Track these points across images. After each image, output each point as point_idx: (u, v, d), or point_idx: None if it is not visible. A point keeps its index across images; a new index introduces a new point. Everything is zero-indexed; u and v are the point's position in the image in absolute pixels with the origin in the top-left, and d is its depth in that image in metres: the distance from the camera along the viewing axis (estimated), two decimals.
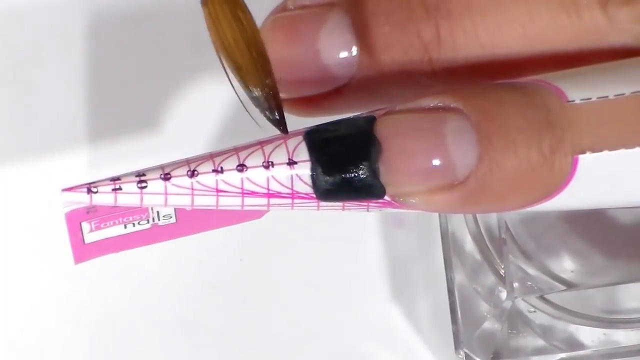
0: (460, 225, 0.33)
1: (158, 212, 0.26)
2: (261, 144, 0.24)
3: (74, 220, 0.25)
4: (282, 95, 0.25)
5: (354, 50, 0.25)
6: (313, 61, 0.25)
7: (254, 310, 0.36)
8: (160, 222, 0.26)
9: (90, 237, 0.26)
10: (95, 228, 0.26)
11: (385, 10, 0.25)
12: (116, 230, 0.26)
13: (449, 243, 0.33)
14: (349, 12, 0.25)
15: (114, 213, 0.26)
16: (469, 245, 0.34)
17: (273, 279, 0.36)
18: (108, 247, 0.26)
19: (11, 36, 0.37)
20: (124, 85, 0.37)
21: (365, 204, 0.24)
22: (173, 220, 0.26)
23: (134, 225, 0.26)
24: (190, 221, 0.27)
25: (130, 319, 0.36)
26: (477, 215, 0.33)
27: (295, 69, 0.25)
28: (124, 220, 0.26)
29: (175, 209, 0.26)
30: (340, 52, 0.25)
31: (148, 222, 0.26)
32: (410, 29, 0.24)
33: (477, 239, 0.33)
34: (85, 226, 0.25)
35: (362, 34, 0.25)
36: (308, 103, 0.26)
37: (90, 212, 0.25)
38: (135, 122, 0.37)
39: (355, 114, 0.24)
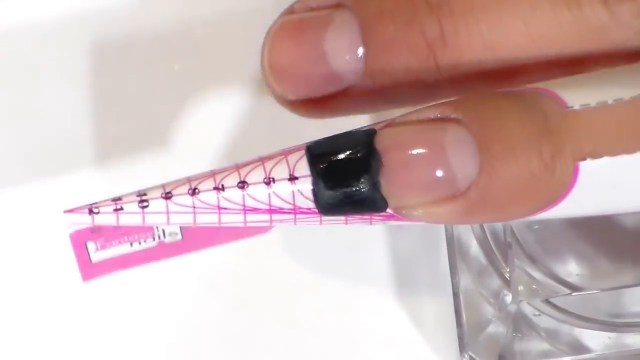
0: (465, 228, 0.33)
1: (164, 230, 0.26)
2: (262, 160, 0.24)
3: (79, 240, 0.25)
4: (290, 97, 0.25)
5: (360, 51, 0.24)
6: (319, 63, 0.25)
7: (254, 310, 0.36)
8: (167, 240, 0.26)
9: (96, 256, 0.26)
10: (101, 247, 0.26)
11: (390, 9, 0.25)
12: (123, 248, 0.26)
13: (454, 246, 0.33)
14: (355, 12, 0.25)
15: (119, 232, 0.26)
16: (474, 248, 0.34)
17: (273, 279, 0.36)
18: (115, 266, 0.26)
19: (16, 53, 0.37)
20: (129, 102, 0.37)
21: (368, 217, 0.24)
22: (179, 237, 0.26)
23: (140, 243, 0.26)
24: (196, 238, 0.27)
25: (130, 319, 0.36)
26: None
27: (302, 71, 0.25)
28: (130, 238, 0.26)
29: (181, 228, 0.26)
30: (347, 53, 0.25)
31: (154, 240, 0.26)
32: (414, 28, 0.24)
33: (483, 242, 0.33)
34: (91, 246, 0.25)
35: (367, 34, 0.24)
36: (315, 104, 0.25)
37: (95, 231, 0.25)
38: (140, 137, 0.36)
39: (358, 127, 0.24)
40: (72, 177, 0.36)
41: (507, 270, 0.33)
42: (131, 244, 0.26)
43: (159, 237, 0.26)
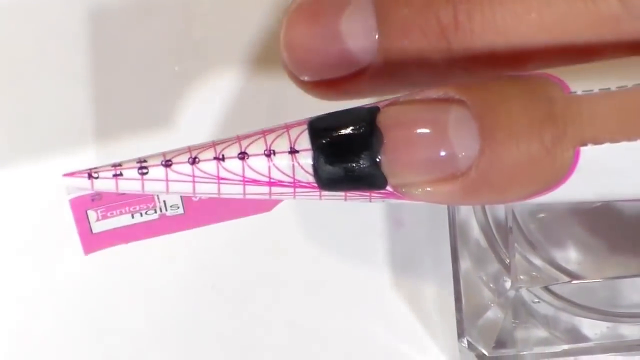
0: (467, 212, 0.33)
1: (165, 202, 0.26)
2: (264, 132, 0.24)
3: (79, 207, 0.25)
4: (304, 78, 0.25)
5: (375, 34, 0.25)
6: (334, 42, 0.25)
7: (254, 310, 0.36)
8: (168, 213, 0.26)
9: (97, 226, 0.26)
10: (102, 217, 0.26)
11: None
12: (124, 219, 0.26)
13: (456, 231, 0.33)
14: None
15: (121, 201, 0.26)
16: (476, 233, 0.34)
17: (273, 279, 0.36)
18: (117, 238, 0.26)
19: (13, 33, 0.37)
20: (129, 101, 0.37)
21: (368, 194, 0.24)
22: (181, 211, 0.26)
23: (141, 215, 0.26)
24: (198, 212, 0.27)
25: (130, 319, 0.36)
26: None
27: (317, 51, 0.25)
28: (131, 209, 0.26)
29: (182, 199, 0.26)
30: (361, 35, 0.25)
31: (155, 212, 0.26)
32: (428, 13, 0.25)
33: (484, 226, 0.33)
34: (92, 215, 0.25)
35: (382, 16, 0.25)
36: (330, 86, 0.26)
37: (95, 199, 0.25)
38: (140, 137, 0.37)
39: (366, 102, 0.25)
40: (71, 154, 0.36)
41: (508, 255, 0.33)
42: (132, 216, 0.26)
43: (161, 210, 0.26)
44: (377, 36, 0.25)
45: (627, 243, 0.34)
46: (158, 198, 0.26)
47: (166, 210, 0.26)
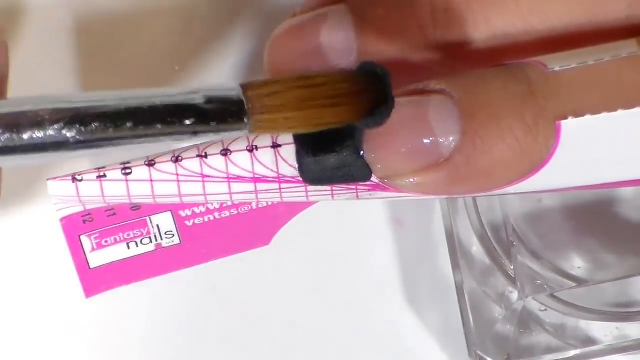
0: (465, 227, 0.33)
1: (158, 227, 0.26)
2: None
3: (72, 232, 0.25)
4: None
5: (354, 41, 0.25)
6: (316, 57, 0.25)
7: (254, 310, 0.36)
8: (164, 243, 0.26)
9: (94, 258, 0.26)
10: (97, 246, 0.26)
11: None
12: (120, 251, 0.26)
13: (455, 246, 0.33)
14: (350, 5, 0.25)
15: (112, 225, 0.26)
16: (476, 248, 0.33)
17: (273, 279, 0.36)
18: (116, 278, 0.26)
19: (11, 33, 0.37)
20: (126, 82, 0.37)
21: (354, 187, 0.24)
22: (177, 240, 0.26)
23: (137, 245, 0.26)
24: (195, 241, 0.26)
25: (129, 319, 0.36)
26: (482, 215, 0.33)
27: (300, 65, 0.25)
28: (125, 236, 0.26)
29: (176, 223, 0.26)
30: (341, 43, 0.25)
31: (151, 242, 0.26)
32: (405, 9, 0.25)
33: (484, 240, 0.33)
34: (86, 242, 0.25)
35: (359, 19, 0.25)
36: None
37: (87, 220, 0.25)
38: None
39: None
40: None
41: (511, 267, 0.33)
42: (128, 246, 0.26)
43: (156, 238, 0.26)
44: (355, 43, 0.25)
45: (627, 244, 0.33)
46: (151, 222, 0.26)
47: (161, 239, 0.26)
